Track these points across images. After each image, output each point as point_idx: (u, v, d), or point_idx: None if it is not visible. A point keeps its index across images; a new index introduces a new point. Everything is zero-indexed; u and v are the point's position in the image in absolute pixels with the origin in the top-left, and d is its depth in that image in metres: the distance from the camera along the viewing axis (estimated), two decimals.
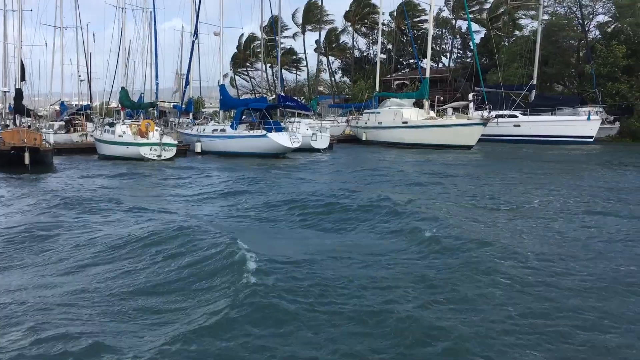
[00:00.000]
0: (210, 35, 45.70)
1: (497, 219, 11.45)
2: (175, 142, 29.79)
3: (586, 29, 44.43)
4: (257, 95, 62.86)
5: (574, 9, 45.19)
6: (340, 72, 72.20)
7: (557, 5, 47.06)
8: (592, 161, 26.28)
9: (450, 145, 33.32)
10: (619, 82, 40.65)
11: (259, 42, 52.41)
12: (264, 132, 29.39)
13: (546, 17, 46.84)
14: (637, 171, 21.04)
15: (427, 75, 39.07)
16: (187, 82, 40.90)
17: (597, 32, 47.69)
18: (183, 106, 43.45)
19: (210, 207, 13.51)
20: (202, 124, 37.93)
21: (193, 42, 38.38)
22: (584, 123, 37.20)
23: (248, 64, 73.64)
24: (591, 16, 46.28)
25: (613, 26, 45.51)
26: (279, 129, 30.01)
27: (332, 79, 68.84)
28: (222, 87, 35.64)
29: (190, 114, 48.03)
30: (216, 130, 32.83)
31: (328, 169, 23.65)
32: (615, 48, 40.50)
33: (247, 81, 76.56)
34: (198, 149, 31.93)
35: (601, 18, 47.18)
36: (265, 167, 24.18)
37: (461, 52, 63.39)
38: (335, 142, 38.57)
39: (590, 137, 36.86)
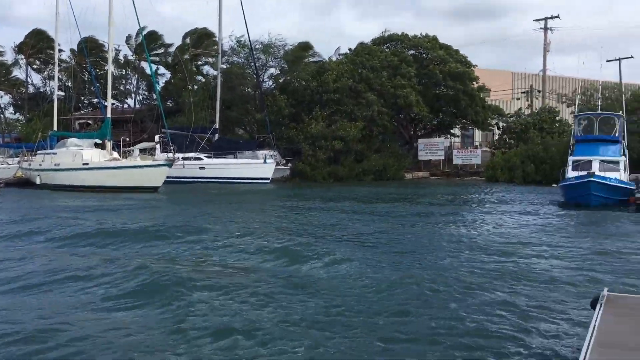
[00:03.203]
0: None
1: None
2: None
3: (260, 79, 48.99)
4: None
5: (249, 61, 49.42)
6: (12, 108, 64.54)
7: (234, 56, 50.89)
8: (262, 199, 30.10)
9: (136, 187, 32.56)
10: (287, 128, 45.70)
11: None
12: None
13: (226, 65, 50.15)
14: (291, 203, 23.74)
15: (109, 115, 37.69)
16: None
17: (271, 83, 53.00)
18: None
19: None
20: None
21: None
22: (261, 166, 40.51)
23: None
24: (265, 68, 51.32)
25: (283, 78, 51.16)
26: None
27: (2, 116, 61.20)
28: None
29: None
30: None
31: None
32: (279, 99, 45.59)
33: None
34: None
35: (273, 70, 52.82)
36: None
37: (146, 93, 63.07)
38: (4, 187, 34.31)
39: (267, 178, 40.27)
